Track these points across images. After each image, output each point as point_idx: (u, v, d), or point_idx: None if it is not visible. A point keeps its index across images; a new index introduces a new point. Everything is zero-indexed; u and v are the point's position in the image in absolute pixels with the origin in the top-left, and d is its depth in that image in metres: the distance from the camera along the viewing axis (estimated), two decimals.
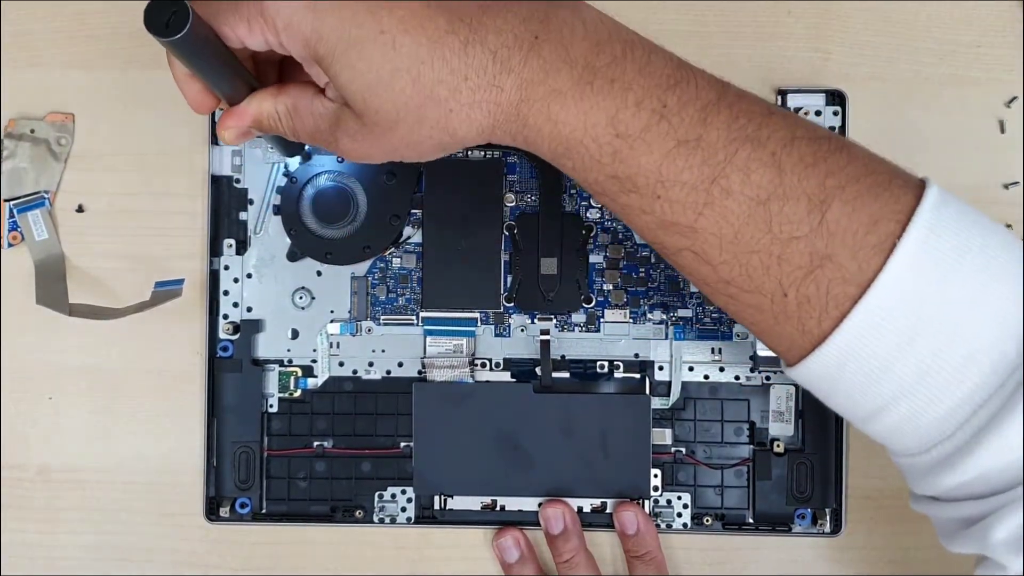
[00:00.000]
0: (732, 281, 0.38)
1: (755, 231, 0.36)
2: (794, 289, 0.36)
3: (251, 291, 0.58)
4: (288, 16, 0.36)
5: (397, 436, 0.58)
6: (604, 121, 0.36)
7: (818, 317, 0.37)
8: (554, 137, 0.37)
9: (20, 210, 0.58)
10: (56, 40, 0.58)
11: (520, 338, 0.58)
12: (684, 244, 0.38)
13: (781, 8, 0.58)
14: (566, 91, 0.36)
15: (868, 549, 0.57)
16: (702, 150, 0.36)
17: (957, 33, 0.57)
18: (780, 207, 0.36)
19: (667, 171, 0.36)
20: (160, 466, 0.58)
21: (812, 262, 0.36)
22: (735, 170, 0.36)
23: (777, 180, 0.36)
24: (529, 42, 0.36)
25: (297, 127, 0.41)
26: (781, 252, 0.36)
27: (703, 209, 0.36)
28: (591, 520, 0.57)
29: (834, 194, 0.36)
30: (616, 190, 0.38)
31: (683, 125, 0.36)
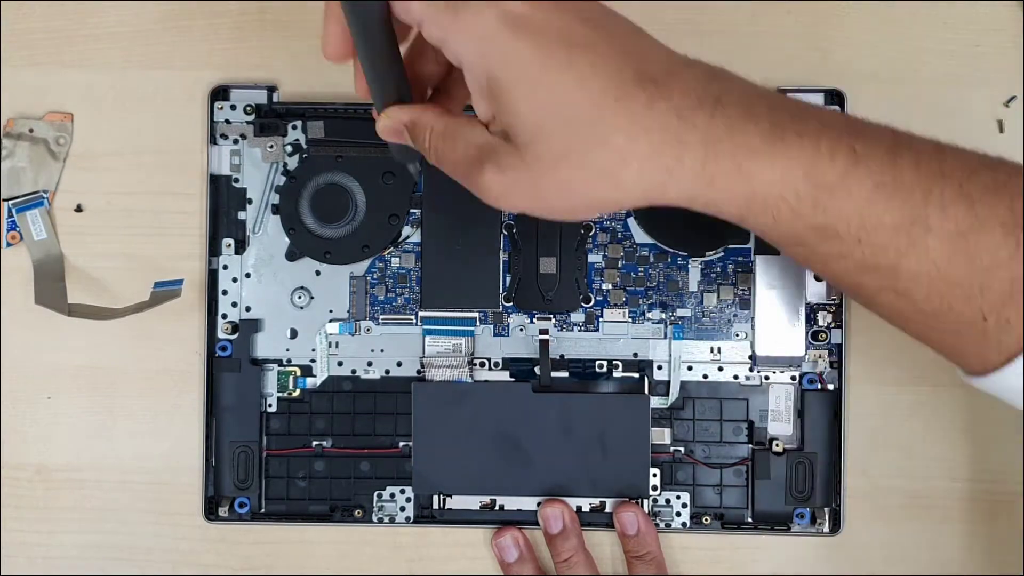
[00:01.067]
0: (934, 314, 0.38)
1: (957, 265, 0.36)
2: (995, 314, 0.37)
3: (250, 291, 0.58)
4: (484, 26, 0.35)
5: (396, 436, 0.58)
6: (801, 173, 0.36)
7: (1016, 336, 0.37)
8: (748, 195, 0.37)
9: (19, 210, 0.58)
10: (55, 40, 0.58)
11: (519, 338, 0.58)
12: (885, 284, 0.38)
13: (780, 8, 0.58)
14: (758, 147, 0.36)
15: (867, 549, 0.57)
16: (900, 191, 0.36)
17: (956, 33, 0.57)
18: (978, 238, 0.36)
19: (868, 215, 0.36)
20: (159, 466, 0.58)
21: (1012, 286, 0.36)
22: (933, 207, 0.36)
23: (971, 212, 0.36)
24: (712, 103, 0.36)
25: (444, 149, 0.40)
26: (983, 282, 0.36)
27: (906, 250, 0.37)
28: (590, 519, 0.57)
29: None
30: (816, 240, 0.38)
31: (877, 168, 0.36)
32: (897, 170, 0.36)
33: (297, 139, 0.57)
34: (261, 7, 0.58)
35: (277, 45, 0.58)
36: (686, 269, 0.57)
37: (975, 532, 0.57)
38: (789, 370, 0.57)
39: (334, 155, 0.57)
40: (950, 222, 0.36)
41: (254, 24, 0.58)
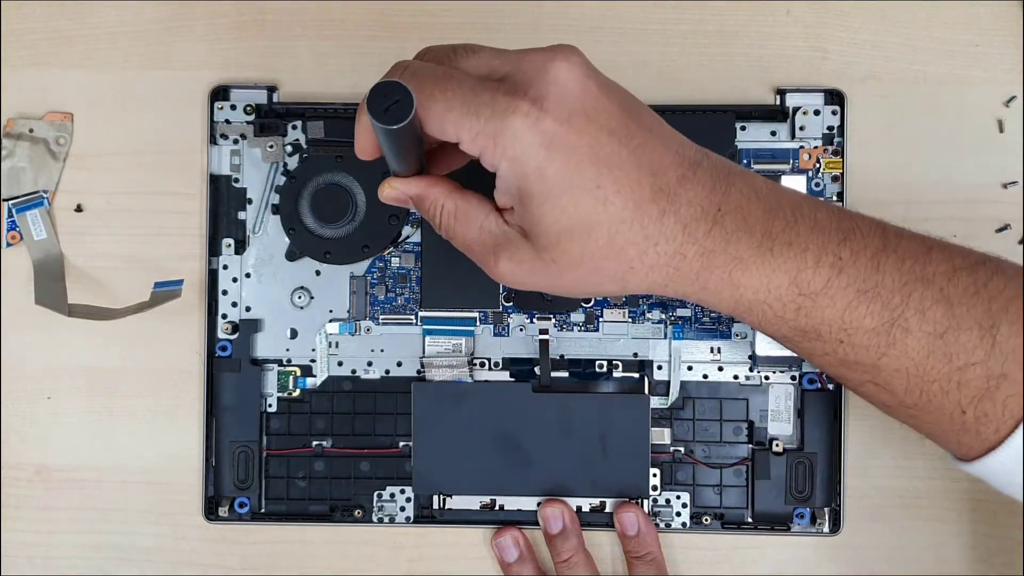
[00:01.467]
0: (914, 406, 0.40)
1: (935, 363, 0.39)
2: (972, 407, 0.39)
3: (250, 291, 0.58)
4: (522, 148, 0.38)
5: (396, 436, 0.58)
6: (787, 282, 0.39)
7: (995, 427, 0.39)
8: (736, 299, 0.40)
9: (19, 210, 0.58)
10: (55, 40, 0.58)
11: (519, 338, 0.58)
12: (867, 378, 0.41)
13: (780, 7, 0.58)
14: (747, 259, 0.39)
15: (867, 549, 0.57)
16: (880, 296, 0.39)
17: (956, 32, 0.57)
18: (955, 338, 0.38)
19: (849, 320, 0.39)
20: (159, 466, 0.58)
21: (988, 383, 0.38)
22: (912, 311, 0.38)
23: (950, 314, 0.38)
24: (713, 214, 0.39)
25: (457, 230, 0.42)
26: (960, 378, 0.39)
27: (886, 349, 0.39)
28: (590, 519, 0.57)
29: (1000, 317, 0.38)
30: (800, 339, 0.41)
31: (859, 276, 0.39)
32: (880, 275, 0.39)
33: (297, 139, 0.57)
34: (261, 7, 0.58)
35: (277, 45, 0.58)
36: None
37: (975, 532, 0.57)
38: (789, 370, 0.57)
39: (334, 155, 0.57)
40: (928, 324, 0.38)
41: (254, 24, 0.58)
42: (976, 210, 0.57)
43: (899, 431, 0.57)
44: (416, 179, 0.43)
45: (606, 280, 0.40)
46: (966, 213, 0.57)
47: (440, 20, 0.58)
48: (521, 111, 0.37)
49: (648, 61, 0.58)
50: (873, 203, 0.57)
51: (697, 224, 0.38)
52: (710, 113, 0.56)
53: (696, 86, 0.58)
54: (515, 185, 0.39)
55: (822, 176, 0.57)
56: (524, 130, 0.37)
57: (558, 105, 0.37)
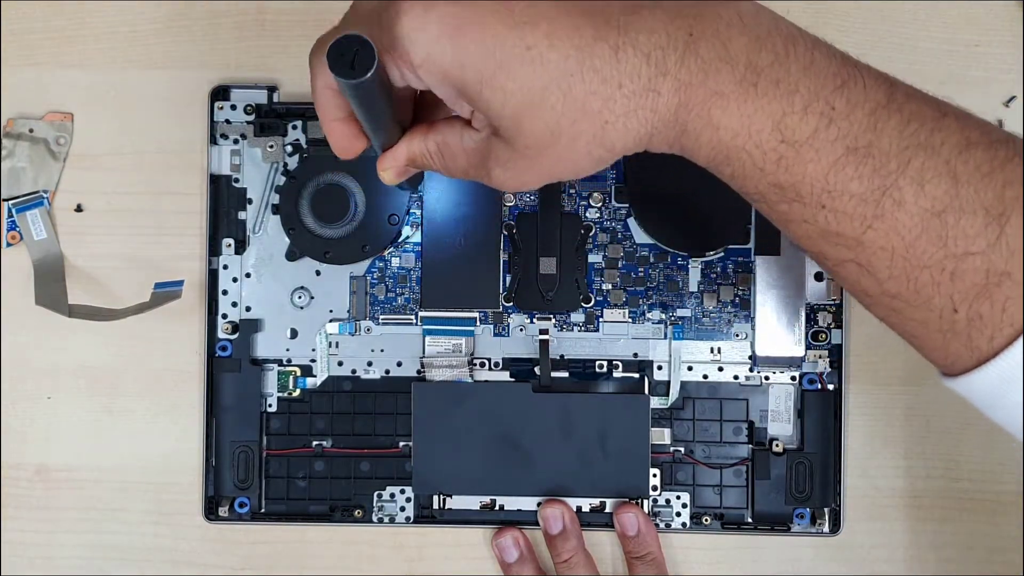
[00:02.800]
0: (899, 295, 0.36)
1: (928, 245, 0.34)
2: (966, 305, 0.34)
3: (250, 291, 0.58)
4: (425, 50, 0.34)
5: (396, 436, 0.58)
6: (769, 126, 0.34)
7: (990, 335, 0.35)
8: (714, 144, 0.35)
9: (19, 210, 0.58)
10: (55, 40, 0.58)
11: (519, 338, 0.58)
12: (848, 256, 0.36)
13: (780, 8, 0.57)
14: (728, 93, 0.34)
15: (867, 549, 0.57)
16: (873, 158, 0.34)
17: (956, 32, 0.57)
18: (956, 220, 0.33)
19: (835, 180, 0.34)
20: (159, 465, 0.58)
21: (988, 279, 0.34)
22: (908, 180, 0.34)
23: (953, 191, 0.33)
24: (684, 40, 0.34)
25: (449, 165, 0.39)
26: (955, 268, 0.34)
27: (872, 221, 0.34)
28: (590, 520, 0.57)
29: (1013, 206, 0.33)
30: (777, 198, 0.36)
31: (853, 131, 0.34)
32: (876, 134, 0.34)
33: (297, 139, 0.57)
34: (261, 7, 0.58)
35: (277, 45, 0.58)
36: (686, 269, 0.57)
37: (975, 532, 0.57)
38: (789, 370, 0.57)
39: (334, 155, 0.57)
40: (926, 198, 0.34)
41: (254, 24, 0.58)
42: None
43: (899, 431, 0.57)
44: (396, 145, 0.40)
45: (589, 146, 0.35)
46: None
47: None
48: (404, 9, 0.33)
49: None
50: None
51: (665, 52, 0.33)
52: None
53: None
54: (447, 89, 0.35)
55: None
56: (416, 29, 0.33)
57: None
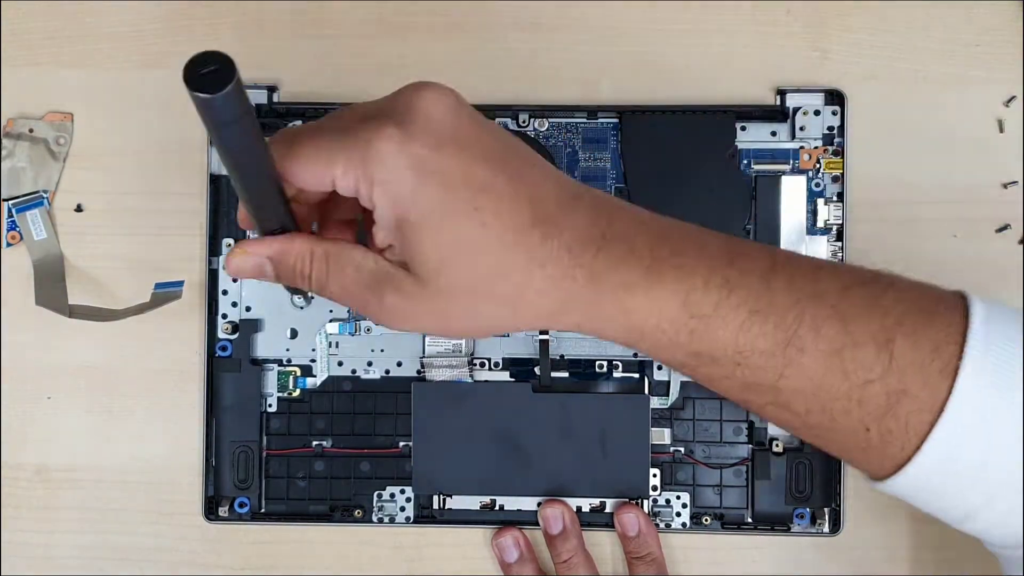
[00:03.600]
0: (818, 425, 0.39)
1: (833, 381, 0.38)
2: (875, 424, 0.38)
3: (250, 291, 0.58)
4: (391, 174, 0.36)
5: (396, 436, 0.58)
6: (677, 305, 0.38)
7: (900, 445, 0.38)
8: (628, 326, 0.39)
9: (19, 210, 0.58)
10: (55, 40, 0.58)
11: (519, 338, 0.58)
12: (769, 400, 0.40)
13: (780, 7, 0.58)
14: (636, 283, 0.38)
15: (867, 549, 0.57)
16: (773, 315, 0.38)
17: (956, 32, 0.57)
18: (852, 355, 0.37)
19: (744, 341, 0.38)
20: (159, 465, 0.58)
21: (889, 399, 0.38)
22: (806, 329, 0.38)
23: (843, 330, 0.37)
24: (598, 240, 0.37)
25: (331, 275, 0.39)
26: (860, 396, 0.38)
27: (783, 370, 0.38)
28: (590, 520, 0.57)
29: (895, 331, 0.37)
30: (696, 363, 0.39)
31: (751, 295, 0.38)
32: (771, 294, 0.38)
33: None
34: (261, 7, 0.58)
35: (277, 45, 0.58)
36: None
37: None
38: None
39: None
40: (823, 341, 0.37)
41: (254, 24, 0.58)
42: (976, 210, 0.57)
43: None
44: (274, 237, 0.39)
45: (498, 308, 0.38)
46: (966, 213, 0.57)
47: (440, 20, 0.58)
48: (386, 134, 0.36)
49: (648, 61, 0.58)
50: (873, 203, 0.57)
51: (583, 247, 0.37)
52: (710, 113, 0.56)
53: (696, 86, 0.58)
54: (391, 213, 0.37)
55: (822, 176, 0.57)
56: (391, 153, 0.36)
57: (426, 131, 0.36)
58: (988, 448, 0.37)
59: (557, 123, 0.57)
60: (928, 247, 0.57)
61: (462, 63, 0.58)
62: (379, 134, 0.36)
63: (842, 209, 0.56)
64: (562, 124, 0.57)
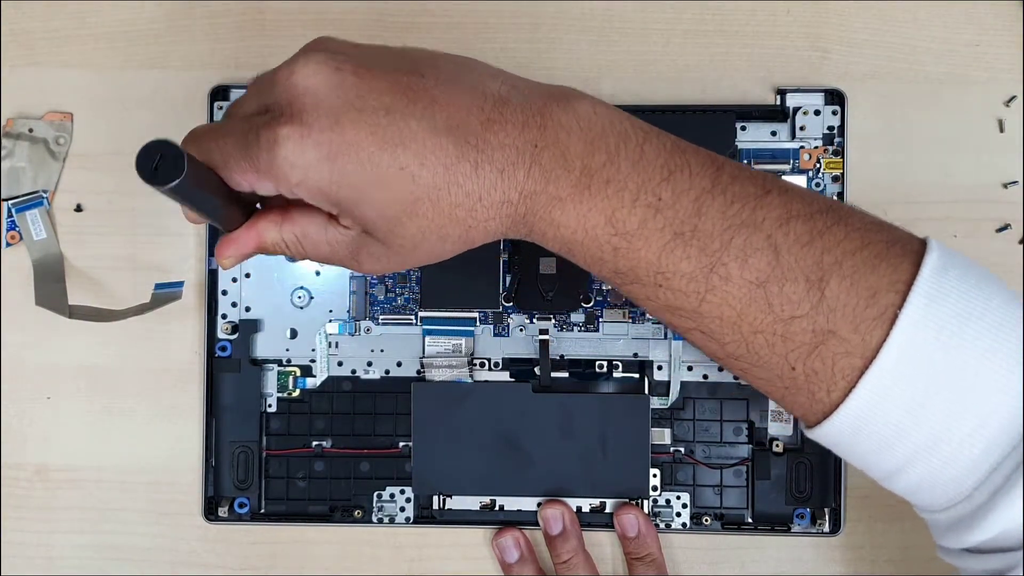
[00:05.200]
0: (741, 357, 0.39)
1: (757, 313, 0.37)
2: (801, 363, 0.37)
3: (250, 291, 0.58)
4: (303, 173, 0.36)
5: (396, 436, 0.58)
6: (602, 222, 0.37)
7: (827, 388, 0.37)
8: (558, 239, 0.39)
9: (18, 209, 0.58)
10: (55, 39, 0.58)
11: (519, 338, 0.58)
12: (691, 325, 0.39)
13: (780, 7, 0.58)
14: (565, 197, 0.37)
15: (867, 549, 0.57)
16: (698, 240, 0.37)
17: (956, 32, 0.57)
18: (779, 288, 0.37)
19: (666, 263, 0.38)
20: (158, 466, 0.58)
21: (815, 338, 0.37)
22: (732, 257, 0.37)
23: (774, 262, 0.37)
24: (530, 153, 0.37)
25: (309, 252, 0.41)
26: (784, 331, 0.37)
27: (705, 295, 0.38)
28: (590, 520, 0.57)
29: (832, 270, 0.36)
30: (620, 281, 0.39)
31: (678, 217, 0.37)
32: (700, 218, 0.37)
33: None
34: (261, 7, 0.58)
35: (277, 45, 0.58)
36: None
37: None
38: None
39: None
40: (749, 271, 0.37)
41: (254, 24, 0.58)
42: (976, 210, 0.57)
43: None
44: (243, 232, 0.41)
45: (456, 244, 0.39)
46: (966, 213, 0.57)
47: (440, 20, 0.58)
48: (282, 136, 0.36)
49: (648, 61, 0.58)
50: (873, 203, 0.57)
51: (515, 167, 0.37)
52: (710, 113, 0.56)
53: (696, 86, 0.58)
54: (323, 201, 0.37)
55: (822, 176, 0.57)
56: (295, 155, 0.36)
57: (317, 114, 0.36)
58: (919, 404, 0.36)
59: None
60: None
61: None
62: (275, 138, 0.36)
63: None
64: None
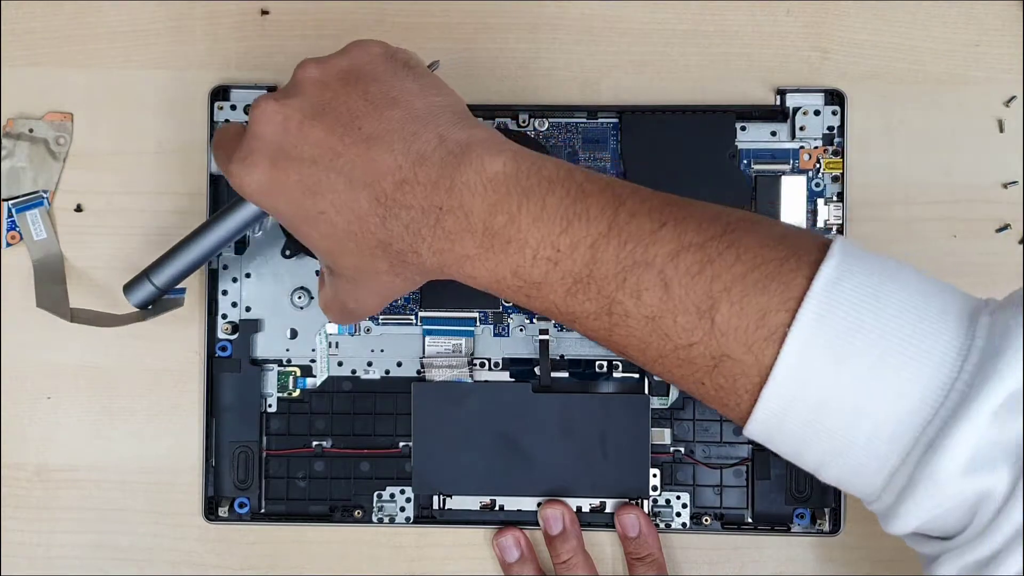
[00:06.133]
0: (659, 373, 0.41)
1: (658, 342, 0.39)
2: (708, 380, 0.39)
3: (250, 291, 0.58)
4: (253, 194, 0.42)
5: (396, 436, 0.58)
6: (509, 275, 0.40)
7: (735, 402, 0.39)
8: (477, 285, 0.42)
9: (19, 210, 0.58)
10: (55, 39, 0.58)
11: (519, 338, 0.58)
12: (612, 347, 0.42)
13: (780, 8, 0.58)
14: (473, 255, 0.40)
15: (867, 549, 0.57)
16: (595, 283, 0.39)
17: (956, 32, 0.57)
18: (672, 320, 0.39)
19: (572, 305, 0.40)
20: (159, 466, 0.58)
21: (713, 361, 0.39)
22: (627, 296, 0.39)
23: (665, 297, 0.38)
24: (435, 215, 0.40)
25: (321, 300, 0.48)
26: (686, 356, 0.39)
27: (612, 329, 0.40)
28: (590, 520, 0.57)
29: (721, 297, 0.38)
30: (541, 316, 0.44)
31: (575, 266, 0.39)
32: (595, 265, 0.39)
33: None
34: (261, 7, 0.58)
35: (277, 45, 0.58)
36: None
37: None
38: None
39: None
40: (644, 307, 0.39)
41: (254, 24, 0.58)
42: (976, 210, 0.57)
43: None
44: None
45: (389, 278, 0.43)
46: (966, 213, 0.57)
47: (440, 20, 0.58)
48: (235, 169, 0.42)
49: (648, 61, 0.58)
50: (873, 203, 0.57)
51: (419, 225, 0.40)
52: (710, 113, 0.56)
53: (696, 86, 0.58)
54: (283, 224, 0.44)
55: (822, 176, 0.57)
56: (243, 184, 0.42)
57: (260, 155, 0.41)
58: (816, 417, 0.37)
59: (557, 123, 0.57)
60: (928, 247, 0.57)
61: (462, 63, 0.58)
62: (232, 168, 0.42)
63: (842, 209, 0.56)
64: (562, 124, 0.57)
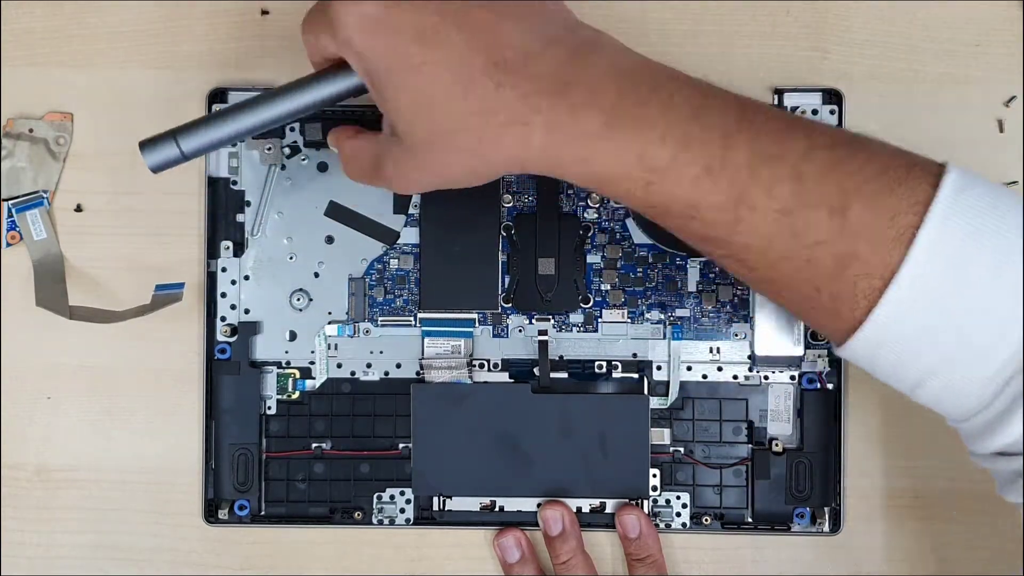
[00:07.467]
0: (771, 280, 0.41)
1: (784, 240, 0.39)
2: (826, 286, 0.39)
3: (248, 293, 0.58)
4: (347, 32, 0.39)
5: (395, 437, 0.58)
6: (633, 158, 0.39)
7: (850, 308, 0.39)
8: (587, 175, 0.40)
9: (19, 210, 0.58)
10: (55, 39, 0.58)
11: (518, 339, 0.57)
12: (723, 252, 0.41)
13: (779, 7, 0.58)
14: (594, 132, 0.39)
15: (867, 548, 0.57)
16: (727, 173, 0.38)
17: (956, 32, 0.57)
18: (803, 216, 0.38)
19: (696, 196, 0.39)
20: (158, 467, 0.58)
21: (838, 261, 0.38)
22: (759, 188, 0.38)
23: (799, 189, 0.38)
24: (560, 87, 0.39)
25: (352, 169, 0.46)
26: (809, 256, 0.39)
27: (735, 225, 0.39)
28: (590, 520, 0.57)
29: (852, 196, 0.38)
30: (654, 214, 0.41)
31: (707, 151, 0.38)
32: (728, 151, 0.38)
33: (295, 141, 0.57)
34: (261, 7, 0.58)
35: (277, 45, 0.58)
36: (685, 269, 0.57)
37: (975, 532, 0.57)
38: (788, 370, 0.57)
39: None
40: (775, 201, 0.38)
41: (254, 24, 0.58)
42: None
43: (899, 431, 0.57)
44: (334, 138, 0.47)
45: (466, 157, 0.40)
46: None
47: None
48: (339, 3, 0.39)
49: None
50: None
51: (539, 96, 0.39)
52: None
53: None
54: (361, 72, 0.41)
55: None
56: (344, 13, 0.39)
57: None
58: (937, 320, 0.38)
59: None
60: None
61: None
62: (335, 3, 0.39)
63: None
64: None
